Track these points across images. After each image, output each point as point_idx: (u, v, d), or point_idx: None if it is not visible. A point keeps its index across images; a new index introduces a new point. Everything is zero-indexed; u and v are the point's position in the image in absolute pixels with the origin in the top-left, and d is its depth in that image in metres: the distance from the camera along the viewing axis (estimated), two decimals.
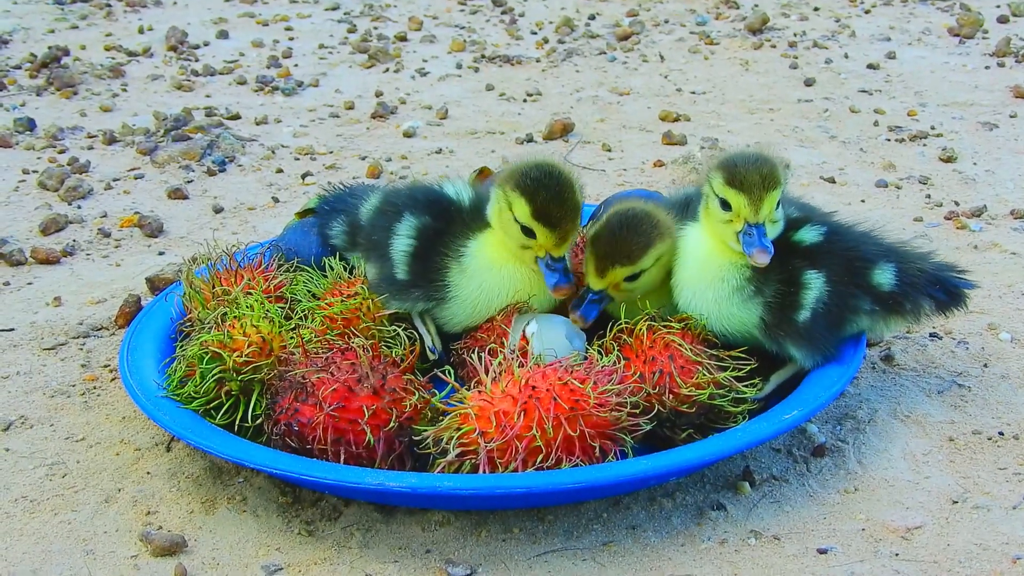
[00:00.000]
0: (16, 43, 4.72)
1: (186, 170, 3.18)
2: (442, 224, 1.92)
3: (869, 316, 1.84)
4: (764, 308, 1.80)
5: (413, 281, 1.89)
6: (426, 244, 1.91)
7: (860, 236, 1.89)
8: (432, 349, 1.89)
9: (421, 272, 1.89)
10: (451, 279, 1.87)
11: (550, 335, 1.78)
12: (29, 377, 2.08)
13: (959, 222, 2.68)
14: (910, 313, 1.87)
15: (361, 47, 4.60)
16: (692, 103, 3.82)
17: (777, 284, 1.80)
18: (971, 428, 1.84)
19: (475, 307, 1.88)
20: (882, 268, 1.84)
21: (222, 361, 1.75)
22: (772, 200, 1.76)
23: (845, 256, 1.82)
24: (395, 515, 1.65)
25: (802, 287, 1.79)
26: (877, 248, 1.87)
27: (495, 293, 1.86)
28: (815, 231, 1.85)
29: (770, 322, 1.80)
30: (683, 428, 1.71)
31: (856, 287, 1.82)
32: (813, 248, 1.83)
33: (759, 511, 1.65)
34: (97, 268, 2.57)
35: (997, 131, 3.39)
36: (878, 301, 1.83)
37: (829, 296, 1.79)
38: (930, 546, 1.56)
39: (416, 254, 1.91)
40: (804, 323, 1.78)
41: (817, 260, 1.81)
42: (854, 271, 1.82)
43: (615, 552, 1.57)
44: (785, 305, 1.79)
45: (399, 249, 1.92)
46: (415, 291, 1.89)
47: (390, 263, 1.92)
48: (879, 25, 4.79)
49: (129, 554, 1.58)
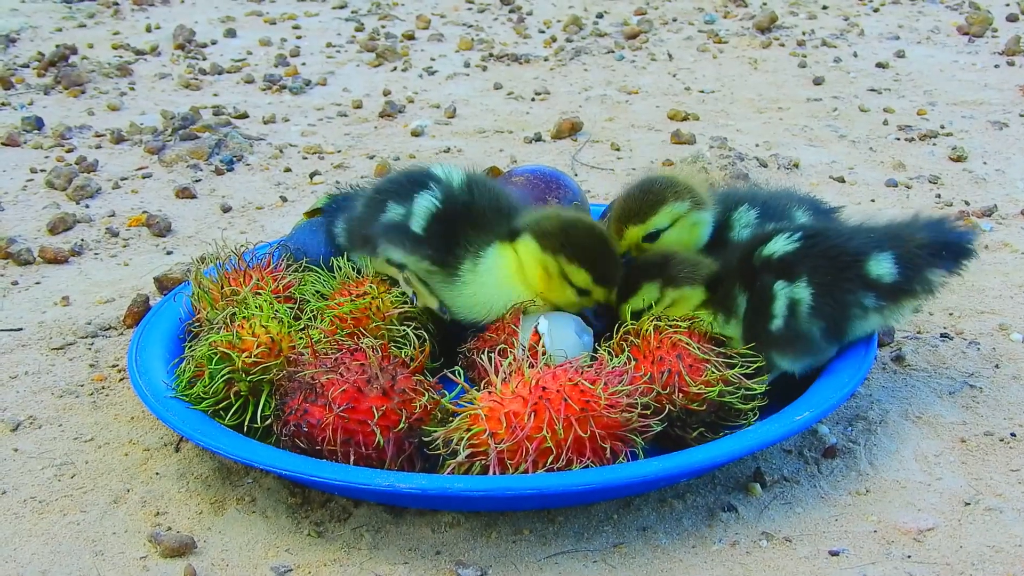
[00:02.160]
0: (24, 41, 4.73)
1: (194, 169, 3.17)
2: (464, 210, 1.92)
3: (878, 312, 1.82)
4: (741, 327, 1.81)
5: (428, 240, 1.89)
6: (451, 214, 1.90)
7: (850, 232, 1.85)
8: (443, 310, 1.90)
9: (440, 235, 1.89)
10: (464, 272, 1.88)
11: (560, 331, 1.80)
12: (37, 377, 2.07)
13: (969, 222, 2.67)
14: (922, 292, 1.83)
15: (369, 46, 4.60)
16: (701, 102, 3.82)
17: (746, 303, 1.80)
18: (983, 429, 1.83)
19: (472, 309, 1.89)
20: (877, 260, 1.80)
21: (231, 361, 1.74)
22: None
23: (827, 256, 1.79)
24: (405, 516, 1.65)
25: (772, 299, 1.78)
26: (868, 240, 1.82)
27: (497, 306, 1.87)
28: (787, 240, 1.81)
29: (747, 338, 1.80)
30: (694, 427, 1.70)
31: (851, 286, 1.78)
32: (786, 258, 1.79)
33: (770, 513, 1.65)
34: (105, 267, 2.57)
35: (1007, 130, 3.38)
36: (884, 295, 1.80)
37: (819, 301, 1.77)
38: (942, 548, 1.55)
39: (439, 217, 1.90)
40: (778, 331, 1.77)
41: (795, 271, 1.78)
42: (844, 269, 1.78)
43: (625, 554, 1.57)
44: (757, 319, 1.79)
45: (423, 205, 1.90)
46: (427, 248, 1.89)
47: (408, 213, 1.91)
48: (888, 24, 4.78)
49: (138, 555, 1.58)
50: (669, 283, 1.83)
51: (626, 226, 1.88)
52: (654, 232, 1.88)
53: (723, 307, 1.82)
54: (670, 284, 1.83)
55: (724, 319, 1.82)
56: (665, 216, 1.87)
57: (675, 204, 1.86)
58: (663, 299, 1.83)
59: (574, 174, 3.08)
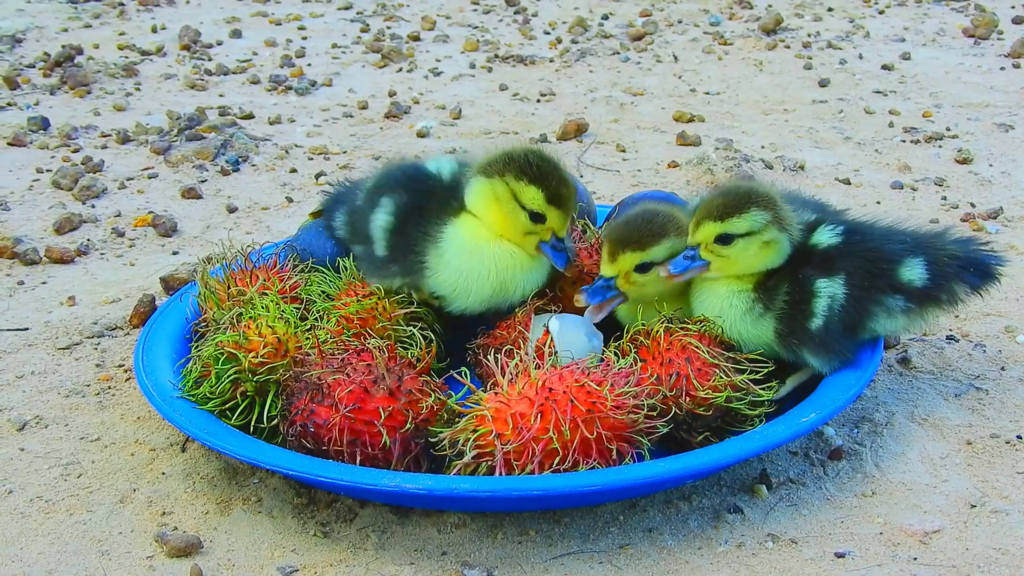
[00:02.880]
0: (30, 42, 4.73)
1: (200, 169, 3.18)
2: (421, 202, 1.93)
3: (905, 314, 1.82)
4: (776, 321, 1.79)
5: (391, 257, 1.91)
6: (404, 221, 1.92)
7: (883, 233, 1.87)
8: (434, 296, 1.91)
9: (400, 248, 1.90)
10: (429, 262, 1.88)
11: (569, 333, 1.79)
12: (44, 377, 2.08)
13: (975, 224, 2.66)
14: (946, 302, 1.85)
15: (374, 47, 4.60)
16: (706, 104, 3.82)
17: (786, 295, 1.79)
18: (989, 432, 1.83)
19: (455, 291, 1.88)
20: (910, 265, 1.81)
21: (237, 362, 1.74)
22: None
23: (866, 257, 1.80)
24: (411, 517, 1.65)
25: (813, 296, 1.78)
26: (902, 244, 1.84)
27: (475, 276, 1.86)
28: (831, 232, 1.83)
29: (784, 332, 1.79)
30: (700, 431, 1.70)
31: (883, 287, 1.80)
32: (831, 251, 1.81)
33: (776, 514, 1.65)
34: (111, 267, 2.57)
35: (1013, 132, 3.38)
36: (912, 298, 1.81)
37: (849, 300, 1.78)
38: (948, 550, 1.55)
39: (395, 230, 1.92)
40: (818, 331, 1.77)
41: (835, 264, 1.80)
42: (878, 272, 1.80)
43: (631, 555, 1.57)
44: (796, 315, 1.78)
45: (378, 225, 1.93)
46: (392, 266, 1.90)
47: (370, 241, 1.94)
48: (893, 26, 4.78)
49: (144, 555, 1.58)
50: (778, 221, 1.78)
51: (623, 251, 1.82)
52: (648, 263, 1.83)
53: (766, 295, 1.80)
54: (778, 223, 1.78)
55: (762, 309, 1.80)
56: (663, 249, 1.83)
57: (674, 239, 1.84)
58: (764, 233, 1.78)
59: (580, 175, 3.08)
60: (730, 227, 1.78)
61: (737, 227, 1.78)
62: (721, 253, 1.80)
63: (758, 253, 1.80)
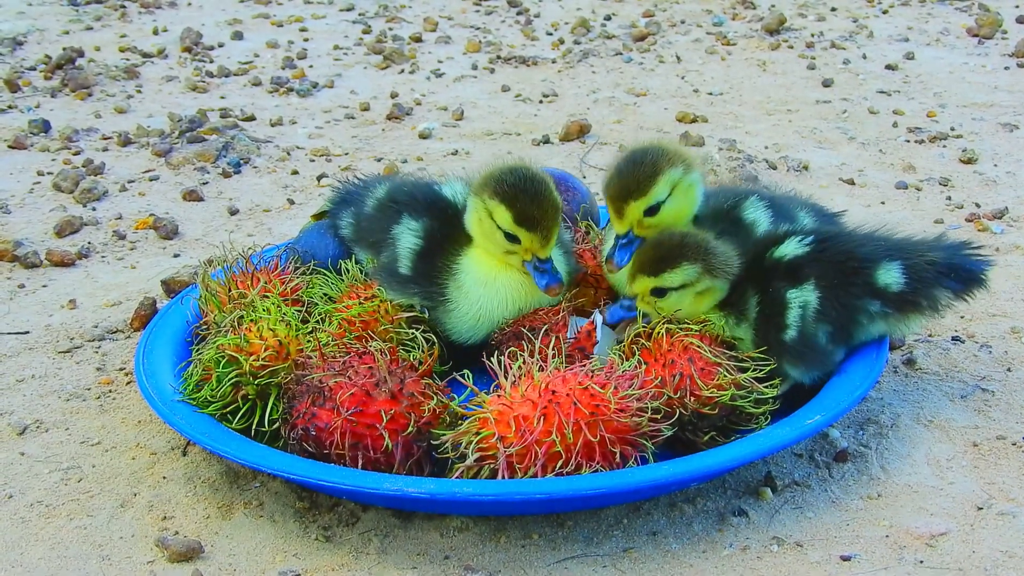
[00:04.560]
0: (31, 44, 4.73)
1: (201, 172, 3.17)
2: (445, 230, 1.93)
3: (883, 319, 1.82)
4: (753, 332, 1.80)
5: (414, 279, 1.90)
6: (431, 246, 1.92)
7: (860, 238, 1.86)
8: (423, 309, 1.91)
9: (423, 273, 1.90)
10: (449, 293, 1.89)
11: (607, 336, 1.84)
12: (44, 380, 2.07)
13: (980, 224, 2.65)
14: (928, 308, 1.84)
15: (376, 48, 4.59)
16: (709, 104, 3.80)
17: (758, 308, 1.80)
18: (995, 433, 1.82)
19: (476, 322, 1.89)
20: (886, 268, 1.81)
21: (239, 365, 1.73)
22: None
23: (836, 260, 1.79)
24: (413, 520, 1.64)
25: (785, 308, 1.78)
26: (878, 248, 1.83)
27: (493, 306, 1.87)
28: (798, 243, 1.82)
29: (760, 345, 1.79)
30: (705, 431, 1.70)
31: (858, 292, 1.79)
32: (797, 261, 1.80)
33: (781, 517, 1.63)
34: (112, 270, 2.56)
35: (1018, 132, 3.37)
36: (889, 303, 1.81)
37: (824, 304, 1.77)
38: (955, 553, 1.54)
39: (421, 254, 1.92)
40: (792, 342, 1.77)
41: (802, 273, 1.79)
42: (852, 275, 1.79)
43: (635, 559, 1.56)
44: (771, 328, 1.78)
45: (405, 245, 1.92)
46: (414, 287, 1.90)
47: (395, 255, 1.93)
48: (897, 25, 4.77)
49: (145, 560, 1.57)
50: (709, 271, 1.79)
51: (626, 203, 1.82)
52: (655, 205, 1.83)
53: (735, 309, 1.81)
54: (709, 272, 1.79)
55: (736, 321, 1.81)
56: (663, 185, 1.82)
57: (670, 171, 1.82)
58: (697, 284, 1.79)
59: (583, 176, 3.07)
60: (663, 282, 1.80)
61: (670, 281, 1.79)
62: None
63: (694, 302, 1.82)
